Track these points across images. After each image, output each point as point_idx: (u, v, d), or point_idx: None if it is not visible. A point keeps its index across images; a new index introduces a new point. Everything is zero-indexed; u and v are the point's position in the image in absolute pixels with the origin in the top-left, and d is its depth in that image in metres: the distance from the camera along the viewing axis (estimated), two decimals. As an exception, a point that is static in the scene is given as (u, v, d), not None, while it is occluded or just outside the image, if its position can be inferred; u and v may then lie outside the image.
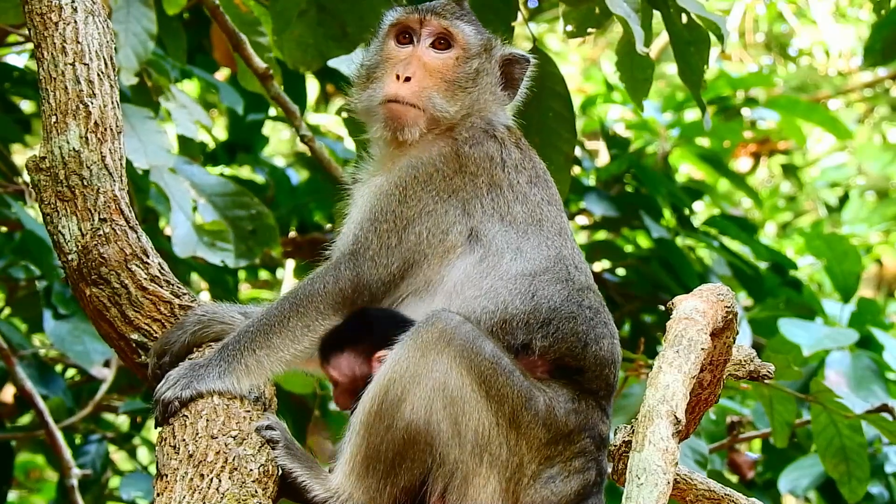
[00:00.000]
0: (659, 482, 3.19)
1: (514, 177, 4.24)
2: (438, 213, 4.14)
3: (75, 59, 4.37)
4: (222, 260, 6.37)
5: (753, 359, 3.93)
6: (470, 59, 4.29)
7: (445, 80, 4.27)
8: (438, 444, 3.87)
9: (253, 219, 6.54)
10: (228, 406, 4.02)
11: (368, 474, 3.89)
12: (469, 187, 4.19)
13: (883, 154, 14.46)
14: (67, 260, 4.29)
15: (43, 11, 4.43)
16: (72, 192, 4.30)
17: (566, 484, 3.99)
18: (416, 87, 4.23)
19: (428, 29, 4.28)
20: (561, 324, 4.06)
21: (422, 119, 4.22)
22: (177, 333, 4.23)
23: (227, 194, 6.57)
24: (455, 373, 3.88)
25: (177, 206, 6.33)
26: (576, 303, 4.11)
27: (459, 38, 4.29)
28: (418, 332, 3.91)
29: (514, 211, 4.19)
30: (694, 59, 5.29)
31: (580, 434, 4.02)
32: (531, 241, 4.18)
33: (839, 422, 5.76)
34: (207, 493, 3.77)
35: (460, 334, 3.91)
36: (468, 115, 4.27)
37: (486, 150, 4.25)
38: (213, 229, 6.36)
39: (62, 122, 4.33)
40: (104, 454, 7.64)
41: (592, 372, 4.09)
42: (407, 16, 4.31)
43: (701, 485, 3.92)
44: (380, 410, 3.88)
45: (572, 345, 4.07)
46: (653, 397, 3.35)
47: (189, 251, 6.28)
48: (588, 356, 4.08)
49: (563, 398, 4.02)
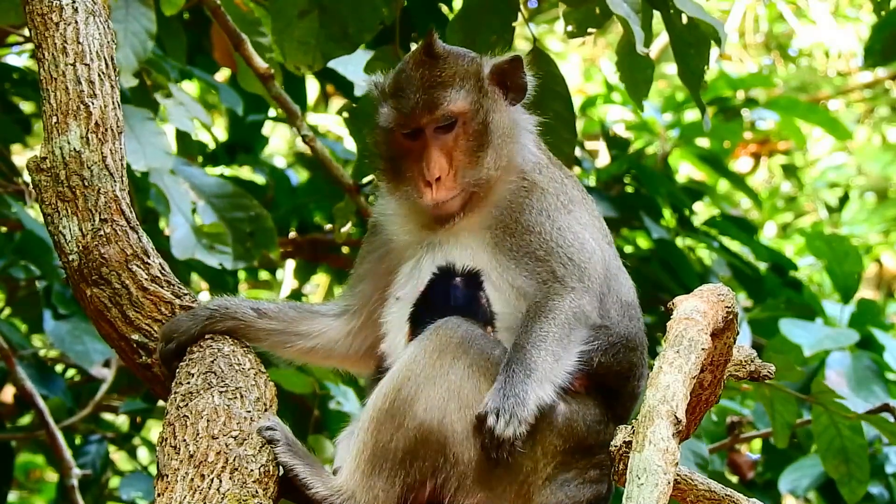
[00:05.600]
0: (659, 482, 3.19)
1: (577, 195, 4.34)
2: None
3: (76, 60, 4.37)
4: (220, 263, 6.37)
5: (754, 359, 3.93)
6: (473, 117, 4.22)
7: (465, 153, 4.21)
8: (452, 445, 3.87)
9: (251, 220, 6.54)
10: (229, 406, 4.02)
11: (374, 472, 3.89)
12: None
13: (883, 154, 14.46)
14: (68, 260, 4.28)
15: (44, 12, 4.42)
16: (73, 192, 4.29)
17: (580, 490, 4.01)
18: (449, 182, 4.17)
19: (429, 127, 4.19)
20: (625, 351, 4.14)
21: (465, 195, 4.21)
22: (187, 323, 4.23)
23: (226, 196, 6.57)
24: (471, 378, 3.90)
25: (176, 209, 6.33)
26: (641, 339, 4.22)
27: (455, 111, 4.21)
28: (436, 335, 3.93)
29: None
30: (694, 60, 5.29)
31: (601, 450, 4.04)
32: (618, 265, 4.34)
33: (840, 423, 5.75)
34: (208, 493, 3.77)
35: (478, 343, 3.95)
36: (499, 157, 4.23)
37: (550, 173, 4.31)
38: (212, 232, 6.36)
39: (63, 122, 4.32)
40: (104, 454, 7.64)
41: (624, 401, 4.16)
42: (405, 123, 4.21)
43: (701, 485, 3.92)
44: (391, 408, 3.88)
45: (624, 371, 4.14)
46: (653, 397, 3.36)
47: (188, 253, 6.28)
48: (628, 387, 4.16)
49: (591, 415, 4.06)
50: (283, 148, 12.88)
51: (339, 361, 4.51)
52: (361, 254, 4.48)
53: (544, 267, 4.11)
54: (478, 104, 4.23)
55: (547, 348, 3.95)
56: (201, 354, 4.22)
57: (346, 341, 4.43)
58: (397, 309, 4.25)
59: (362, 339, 4.42)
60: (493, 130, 4.23)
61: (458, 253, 4.19)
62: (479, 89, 4.25)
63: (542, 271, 4.11)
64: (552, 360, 3.95)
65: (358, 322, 4.42)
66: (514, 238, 4.16)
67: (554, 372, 3.95)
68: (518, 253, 4.14)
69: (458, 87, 4.22)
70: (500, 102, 4.30)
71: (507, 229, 4.17)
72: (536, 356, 3.93)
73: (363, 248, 4.48)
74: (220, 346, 4.25)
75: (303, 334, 4.41)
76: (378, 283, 4.38)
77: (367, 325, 4.39)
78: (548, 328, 3.99)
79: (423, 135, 4.21)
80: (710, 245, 8.69)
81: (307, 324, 4.42)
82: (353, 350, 4.44)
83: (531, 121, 4.39)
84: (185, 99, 6.77)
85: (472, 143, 4.21)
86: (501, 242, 4.16)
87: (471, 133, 4.21)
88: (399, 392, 3.89)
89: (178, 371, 4.20)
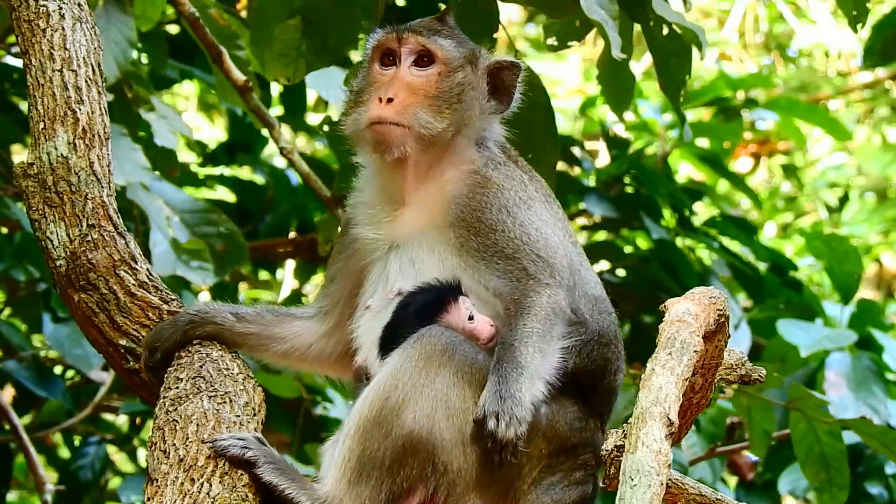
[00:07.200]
0: (652, 483, 3.20)
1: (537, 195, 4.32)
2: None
3: (63, 66, 4.39)
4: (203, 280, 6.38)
5: (745, 363, 3.93)
6: (452, 73, 4.26)
7: (429, 97, 4.23)
8: (441, 453, 3.88)
9: (222, 237, 6.56)
10: (218, 411, 4.03)
11: (361, 480, 3.88)
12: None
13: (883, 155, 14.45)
14: (56, 266, 4.30)
15: (31, 18, 4.44)
16: (60, 198, 4.31)
17: (566, 493, 4.02)
18: (398, 106, 4.19)
19: (407, 48, 4.25)
20: (598, 348, 4.14)
21: (409, 137, 4.19)
22: (169, 330, 4.25)
23: (197, 211, 6.59)
24: (457, 386, 3.90)
25: (155, 225, 6.35)
26: (613, 332, 4.22)
27: (439, 54, 4.26)
28: (420, 343, 3.93)
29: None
30: (675, 70, 5.29)
31: (584, 449, 4.07)
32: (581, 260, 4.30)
33: (818, 428, 5.70)
34: (198, 497, 3.79)
35: (462, 350, 3.94)
36: (458, 131, 4.26)
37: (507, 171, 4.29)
38: (192, 248, 6.37)
39: (50, 128, 4.34)
40: (103, 456, 7.63)
41: (602, 397, 4.17)
42: (386, 36, 4.29)
43: (692, 489, 3.93)
44: (378, 417, 3.88)
45: (598, 368, 4.14)
46: (646, 399, 3.37)
47: (168, 269, 6.29)
48: (604, 383, 4.17)
49: (570, 414, 4.07)
50: (282, 148, 12.86)
51: (314, 364, 4.50)
52: (333, 253, 4.49)
53: (515, 265, 4.10)
54: (460, 70, 4.27)
55: (534, 345, 3.96)
56: (189, 359, 4.23)
57: (321, 343, 4.42)
58: (367, 319, 4.23)
59: (336, 340, 4.41)
60: (464, 102, 4.25)
61: (424, 256, 4.19)
62: (470, 64, 4.30)
63: (513, 269, 4.10)
64: (540, 357, 3.95)
65: (331, 323, 4.42)
66: (479, 237, 4.15)
67: (543, 368, 3.96)
68: (486, 253, 4.13)
69: (452, 41, 4.31)
70: (481, 92, 4.31)
71: (472, 228, 4.16)
72: (525, 353, 3.93)
73: (335, 248, 4.49)
74: (209, 352, 4.27)
75: (277, 337, 4.41)
76: (348, 281, 4.38)
77: (340, 326, 4.38)
78: (532, 325, 3.99)
79: (398, 66, 4.25)
80: (709, 245, 8.68)
81: (283, 326, 4.42)
82: (327, 352, 4.43)
83: (500, 131, 4.40)
84: (168, 112, 6.77)
85: (439, 93, 4.23)
86: (467, 243, 4.15)
87: (443, 86, 4.24)
88: (386, 401, 3.88)
89: (167, 376, 4.21)
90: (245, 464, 3.91)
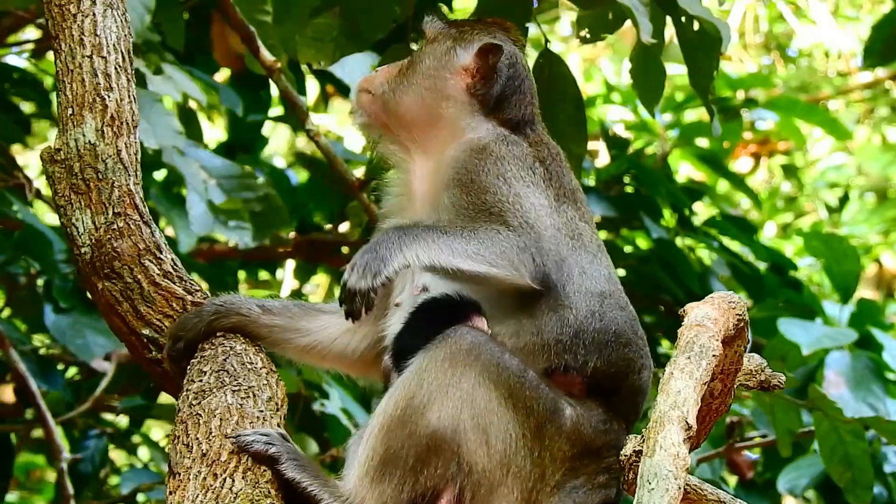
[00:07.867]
0: (670, 487, 3.15)
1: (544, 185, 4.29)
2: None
3: (93, 52, 4.36)
4: (240, 239, 6.37)
5: (764, 369, 3.85)
6: (430, 50, 4.39)
7: (403, 70, 4.38)
8: (466, 453, 3.85)
9: (261, 201, 6.55)
10: (242, 406, 4.00)
11: (384, 479, 3.86)
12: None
13: (883, 155, 14.45)
14: (80, 253, 4.27)
15: (62, 3, 4.41)
16: (86, 185, 4.29)
17: (589, 496, 3.98)
18: (376, 77, 4.41)
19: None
20: (618, 348, 4.09)
21: (373, 104, 4.36)
22: (193, 320, 4.22)
23: (235, 177, 6.58)
24: (483, 386, 3.87)
25: (191, 187, 6.33)
26: (633, 330, 4.16)
27: (426, 32, 4.44)
28: (446, 344, 3.90)
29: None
30: (704, 64, 5.27)
31: (609, 451, 4.02)
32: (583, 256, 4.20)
33: (841, 428, 5.70)
34: (221, 492, 3.76)
35: (488, 350, 3.91)
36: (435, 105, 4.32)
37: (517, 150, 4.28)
38: (229, 208, 6.36)
39: (78, 114, 4.32)
40: (103, 449, 7.62)
41: (626, 398, 4.12)
42: None
43: (711, 495, 3.88)
44: (403, 415, 3.86)
45: (620, 370, 4.10)
46: (664, 403, 3.32)
47: (206, 229, 6.28)
48: (627, 383, 4.11)
49: (595, 417, 4.03)
50: (282, 148, 12.88)
51: (336, 361, 4.46)
52: None
53: (498, 219, 4.08)
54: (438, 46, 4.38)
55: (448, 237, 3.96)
56: (213, 352, 4.20)
57: (345, 338, 4.39)
58: (397, 318, 4.21)
59: (361, 336, 4.38)
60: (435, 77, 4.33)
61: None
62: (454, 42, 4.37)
63: (495, 222, 4.08)
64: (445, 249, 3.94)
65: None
66: (469, 196, 4.13)
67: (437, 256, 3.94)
68: (474, 211, 4.10)
69: (442, 23, 4.45)
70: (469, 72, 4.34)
71: (464, 188, 4.15)
72: (431, 235, 3.95)
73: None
74: (232, 345, 4.24)
75: (302, 331, 4.38)
76: None
77: (365, 322, 4.30)
78: (466, 232, 4.00)
79: None
80: (709, 245, 8.68)
81: (308, 320, 4.39)
82: (350, 348, 4.40)
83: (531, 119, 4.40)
84: (179, 77, 6.71)
85: (412, 66, 4.39)
86: (458, 202, 4.14)
87: (418, 60, 4.39)
88: (412, 399, 3.86)
89: (190, 369, 4.18)
90: (268, 460, 3.88)
